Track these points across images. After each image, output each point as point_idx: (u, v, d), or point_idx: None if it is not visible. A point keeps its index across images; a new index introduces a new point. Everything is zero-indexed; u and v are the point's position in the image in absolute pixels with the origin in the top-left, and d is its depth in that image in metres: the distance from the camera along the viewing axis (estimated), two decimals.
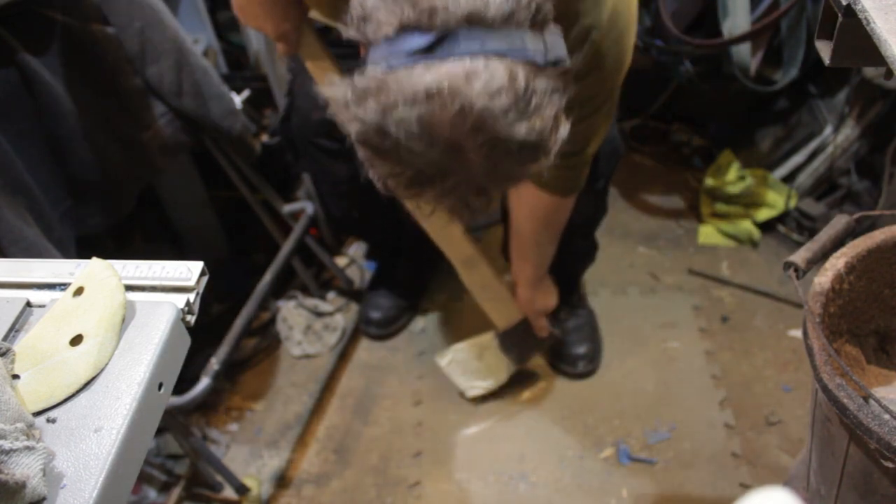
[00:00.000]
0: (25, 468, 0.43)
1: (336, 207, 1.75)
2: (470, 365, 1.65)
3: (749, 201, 2.03)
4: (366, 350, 1.86)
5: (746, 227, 2.01)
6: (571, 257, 1.68)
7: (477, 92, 0.71)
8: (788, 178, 2.05)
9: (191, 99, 1.49)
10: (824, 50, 0.66)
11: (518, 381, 1.73)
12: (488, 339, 1.64)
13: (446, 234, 1.44)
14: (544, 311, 1.62)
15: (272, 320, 1.90)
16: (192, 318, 0.56)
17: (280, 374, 1.82)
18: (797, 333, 1.78)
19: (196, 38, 1.82)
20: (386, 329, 1.87)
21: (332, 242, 2.06)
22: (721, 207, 2.05)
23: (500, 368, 1.66)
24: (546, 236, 1.45)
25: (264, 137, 1.85)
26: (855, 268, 0.98)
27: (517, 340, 1.65)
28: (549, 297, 1.61)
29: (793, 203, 2.00)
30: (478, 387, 1.66)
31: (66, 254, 1.30)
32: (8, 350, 0.52)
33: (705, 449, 1.56)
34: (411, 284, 1.90)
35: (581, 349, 1.72)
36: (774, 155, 2.09)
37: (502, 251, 1.81)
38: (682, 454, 1.56)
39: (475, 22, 0.73)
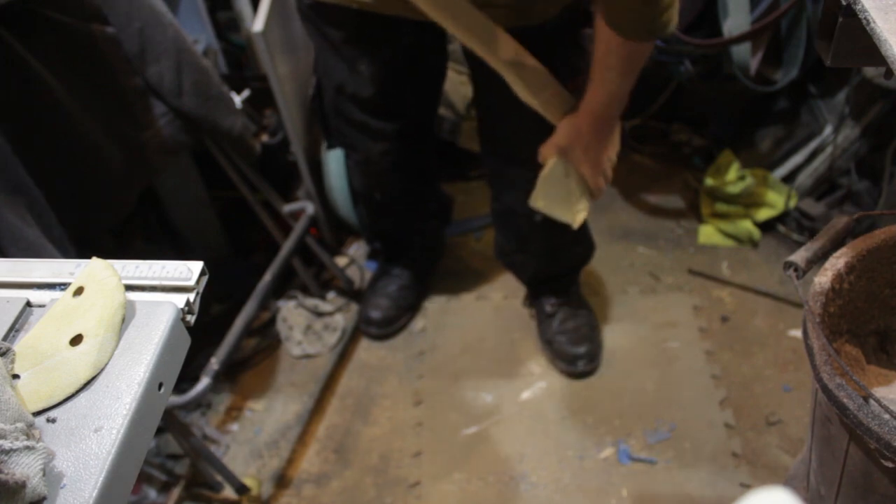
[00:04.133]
0: (25, 468, 0.43)
1: (360, 184, 1.75)
2: (561, 190, 1.46)
3: (749, 201, 2.03)
4: (366, 350, 1.86)
5: (746, 227, 2.01)
6: (563, 250, 1.68)
7: None
8: (788, 178, 2.05)
9: (191, 99, 1.49)
10: (824, 50, 0.66)
11: (518, 381, 1.73)
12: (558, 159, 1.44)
13: (489, 36, 1.29)
14: (603, 160, 1.42)
15: (272, 320, 1.90)
16: (192, 318, 0.56)
17: (280, 374, 1.82)
18: (797, 333, 1.78)
19: (196, 38, 1.82)
20: (386, 329, 1.87)
21: (332, 242, 2.06)
22: (721, 207, 2.05)
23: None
24: (622, 73, 1.32)
25: (264, 137, 1.85)
26: (855, 268, 0.98)
27: None
28: (611, 146, 1.42)
29: (793, 203, 2.00)
30: (581, 208, 1.48)
31: (66, 254, 1.30)
32: (8, 350, 0.52)
33: (705, 449, 1.56)
34: (412, 285, 1.90)
35: (581, 349, 1.72)
36: (774, 155, 2.09)
37: (496, 255, 1.81)
38: (682, 454, 1.56)
39: None
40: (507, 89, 1.34)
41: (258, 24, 1.60)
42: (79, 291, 0.55)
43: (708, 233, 2.05)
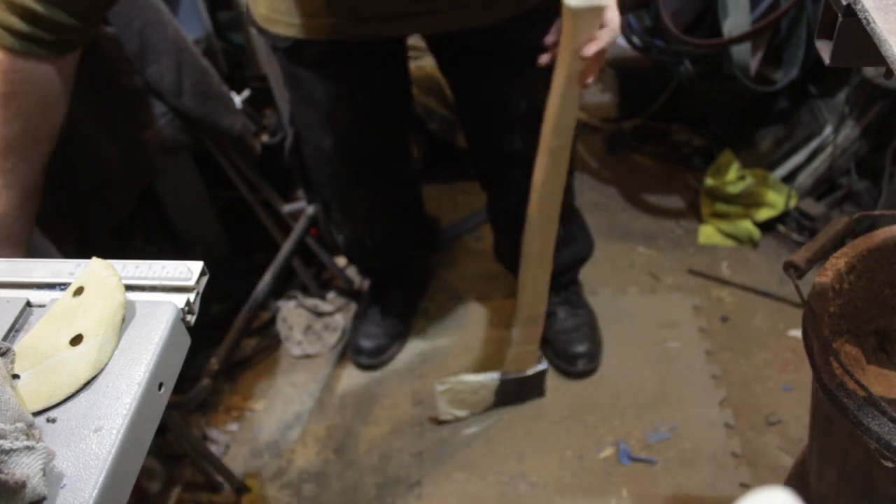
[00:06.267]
0: (25, 468, 0.43)
1: (350, 231, 1.70)
2: (460, 396, 1.62)
3: (749, 201, 2.03)
4: None
5: (746, 227, 2.01)
6: (561, 248, 1.65)
7: None
8: (788, 178, 2.05)
9: (191, 99, 1.49)
10: (824, 50, 0.65)
11: None
12: (492, 379, 1.60)
13: (537, 287, 1.42)
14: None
15: (272, 320, 1.90)
16: (192, 318, 0.56)
17: (280, 374, 1.82)
18: (797, 333, 1.78)
19: (196, 38, 1.82)
20: (376, 359, 1.80)
21: (332, 242, 2.06)
22: (721, 207, 2.05)
23: (481, 404, 1.65)
24: None
25: (264, 137, 1.85)
26: (855, 268, 0.98)
27: (517, 388, 1.64)
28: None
29: (793, 203, 2.00)
30: (452, 413, 1.64)
31: (66, 254, 1.30)
32: (8, 350, 0.52)
33: (705, 449, 1.56)
34: (403, 311, 1.86)
35: (581, 348, 1.72)
36: (774, 155, 2.09)
37: (494, 256, 1.81)
38: (682, 454, 1.56)
39: None
40: (495, 88, 1.34)
41: None
42: (79, 291, 0.55)
43: (708, 233, 2.05)
